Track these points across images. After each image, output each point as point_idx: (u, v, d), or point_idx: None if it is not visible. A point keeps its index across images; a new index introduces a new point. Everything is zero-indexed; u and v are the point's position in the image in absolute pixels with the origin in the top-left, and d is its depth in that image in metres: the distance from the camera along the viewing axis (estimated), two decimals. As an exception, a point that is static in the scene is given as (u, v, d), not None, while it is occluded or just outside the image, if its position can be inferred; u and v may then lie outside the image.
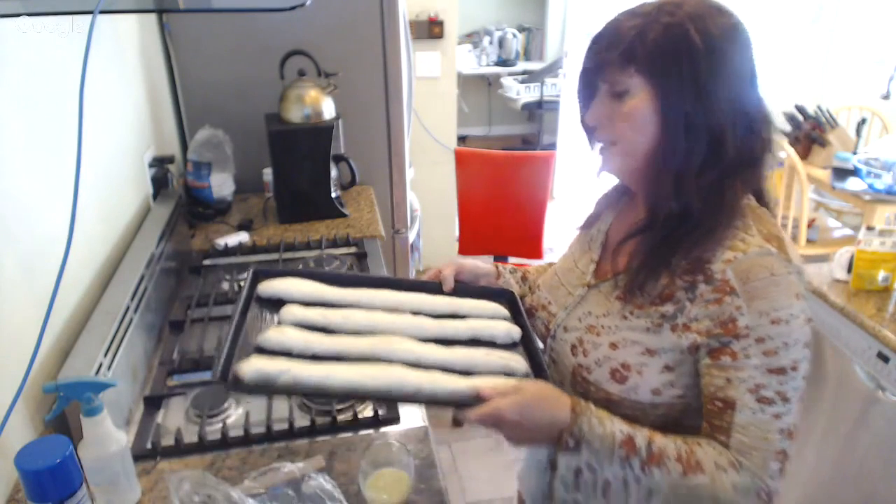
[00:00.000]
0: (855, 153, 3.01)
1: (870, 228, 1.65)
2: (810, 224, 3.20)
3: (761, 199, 0.89)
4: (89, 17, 0.86)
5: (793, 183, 3.06)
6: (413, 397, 0.86)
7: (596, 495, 0.87)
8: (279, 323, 0.96)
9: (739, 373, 0.79)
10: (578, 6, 4.42)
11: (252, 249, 1.89)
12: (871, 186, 2.82)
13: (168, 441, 1.14)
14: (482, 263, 1.15)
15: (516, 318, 1.04)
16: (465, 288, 1.08)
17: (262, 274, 1.05)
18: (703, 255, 0.82)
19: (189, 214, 2.04)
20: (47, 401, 1.11)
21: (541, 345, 1.01)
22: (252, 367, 0.84)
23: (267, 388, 0.85)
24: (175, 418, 1.23)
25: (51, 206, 1.21)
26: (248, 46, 2.14)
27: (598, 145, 0.89)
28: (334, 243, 1.91)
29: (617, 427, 0.81)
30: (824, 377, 1.81)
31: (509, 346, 0.99)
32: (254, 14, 2.03)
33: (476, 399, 0.83)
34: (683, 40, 0.78)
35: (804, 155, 3.20)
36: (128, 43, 1.82)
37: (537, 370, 0.94)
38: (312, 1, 1.00)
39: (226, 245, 1.88)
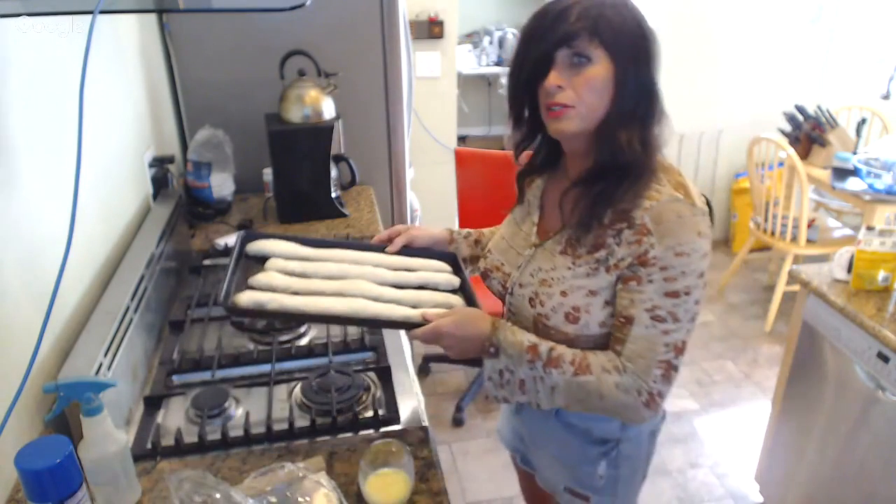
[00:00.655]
0: (855, 153, 3.01)
1: (870, 228, 1.64)
2: (810, 224, 3.20)
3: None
4: (89, 17, 0.86)
5: (793, 183, 3.05)
6: (374, 320, 1.08)
7: (515, 391, 1.07)
8: (266, 270, 1.15)
9: (640, 295, 0.96)
10: (578, 6, 4.43)
11: (252, 249, 1.88)
12: (871, 186, 2.82)
13: (168, 441, 1.14)
14: (436, 230, 1.32)
15: (457, 272, 1.25)
16: (416, 251, 1.28)
17: (250, 236, 1.24)
18: (627, 207, 0.97)
19: (189, 214, 2.04)
20: (47, 401, 1.11)
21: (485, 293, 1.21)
22: (246, 296, 1.05)
23: (259, 312, 1.06)
24: (175, 418, 1.23)
25: (51, 206, 1.21)
26: (248, 46, 2.14)
27: (552, 110, 0.97)
28: (334, 243, 1.91)
29: (526, 337, 1.04)
30: (824, 377, 1.81)
31: (450, 292, 1.20)
32: (254, 14, 2.03)
33: (423, 322, 1.05)
34: (634, 21, 0.95)
35: (804, 155, 3.20)
36: (128, 43, 1.82)
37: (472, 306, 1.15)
38: (312, 1, 1.01)
39: (226, 245, 1.88)
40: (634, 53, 0.95)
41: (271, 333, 1.46)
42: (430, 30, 3.22)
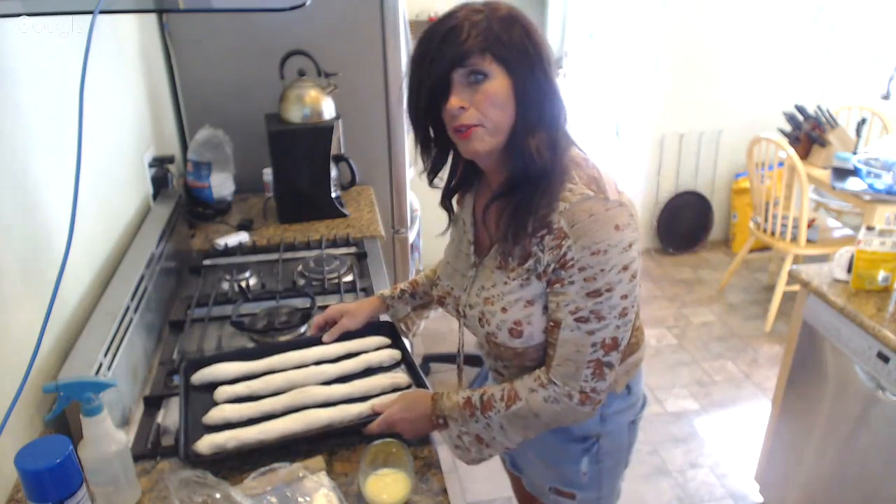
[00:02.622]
0: (855, 153, 3.01)
1: (870, 228, 1.64)
2: (810, 224, 3.20)
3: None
4: (89, 17, 0.86)
5: (793, 183, 3.05)
6: (329, 428, 1.12)
7: (481, 448, 1.09)
8: (216, 402, 1.18)
9: (564, 297, 0.97)
10: (578, 6, 4.41)
11: (252, 249, 1.89)
12: (871, 186, 2.82)
13: (168, 441, 1.14)
14: (367, 305, 1.38)
15: (396, 342, 1.36)
16: (354, 332, 1.36)
17: (192, 365, 1.27)
18: (545, 213, 0.96)
19: (189, 214, 2.04)
20: (47, 401, 1.11)
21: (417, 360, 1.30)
22: (206, 443, 1.07)
23: (222, 455, 1.06)
24: (175, 418, 1.23)
25: (51, 206, 1.21)
26: (248, 46, 2.14)
27: (460, 131, 0.96)
28: (334, 243, 1.91)
29: (460, 396, 1.08)
30: (824, 377, 1.81)
31: (395, 366, 1.30)
32: (254, 14, 2.03)
33: (375, 414, 1.12)
34: (523, 29, 0.93)
35: (804, 155, 3.20)
36: (128, 43, 1.82)
37: (417, 380, 1.24)
38: (312, 1, 1.01)
39: (226, 245, 1.88)
40: (528, 61, 0.93)
41: (271, 334, 1.46)
42: (430, 30, 3.22)
